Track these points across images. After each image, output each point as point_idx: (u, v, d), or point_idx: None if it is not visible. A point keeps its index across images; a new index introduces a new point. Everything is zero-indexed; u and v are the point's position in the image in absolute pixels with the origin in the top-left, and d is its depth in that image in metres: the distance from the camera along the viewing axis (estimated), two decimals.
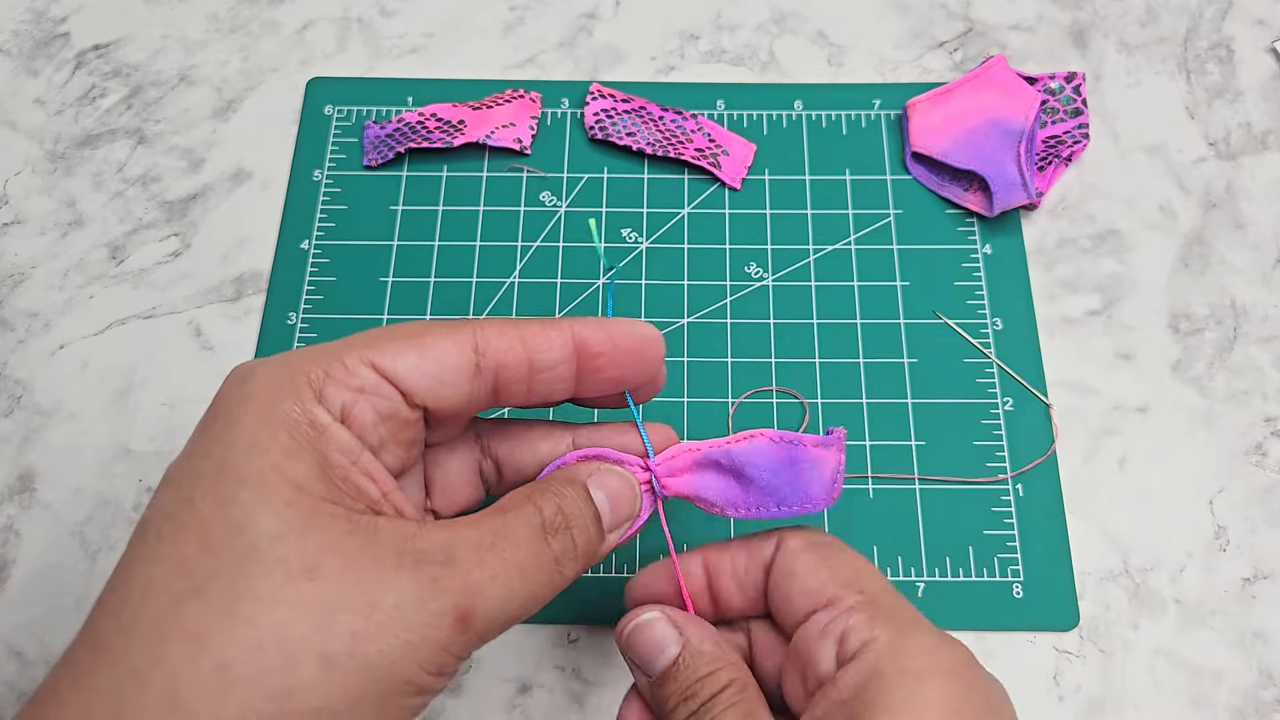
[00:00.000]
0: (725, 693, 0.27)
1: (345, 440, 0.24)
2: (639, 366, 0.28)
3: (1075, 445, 0.40)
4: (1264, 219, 0.45)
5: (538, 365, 0.27)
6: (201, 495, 0.22)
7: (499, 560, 0.24)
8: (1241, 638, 0.37)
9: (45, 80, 0.49)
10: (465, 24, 0.50)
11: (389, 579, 0.22)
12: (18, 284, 0.44)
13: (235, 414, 0.23)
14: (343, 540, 0.22)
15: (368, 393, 0.25)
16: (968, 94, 0.46)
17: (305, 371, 0.24)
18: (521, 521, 0.25)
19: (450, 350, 0.26)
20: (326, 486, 0.23)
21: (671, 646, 0.28)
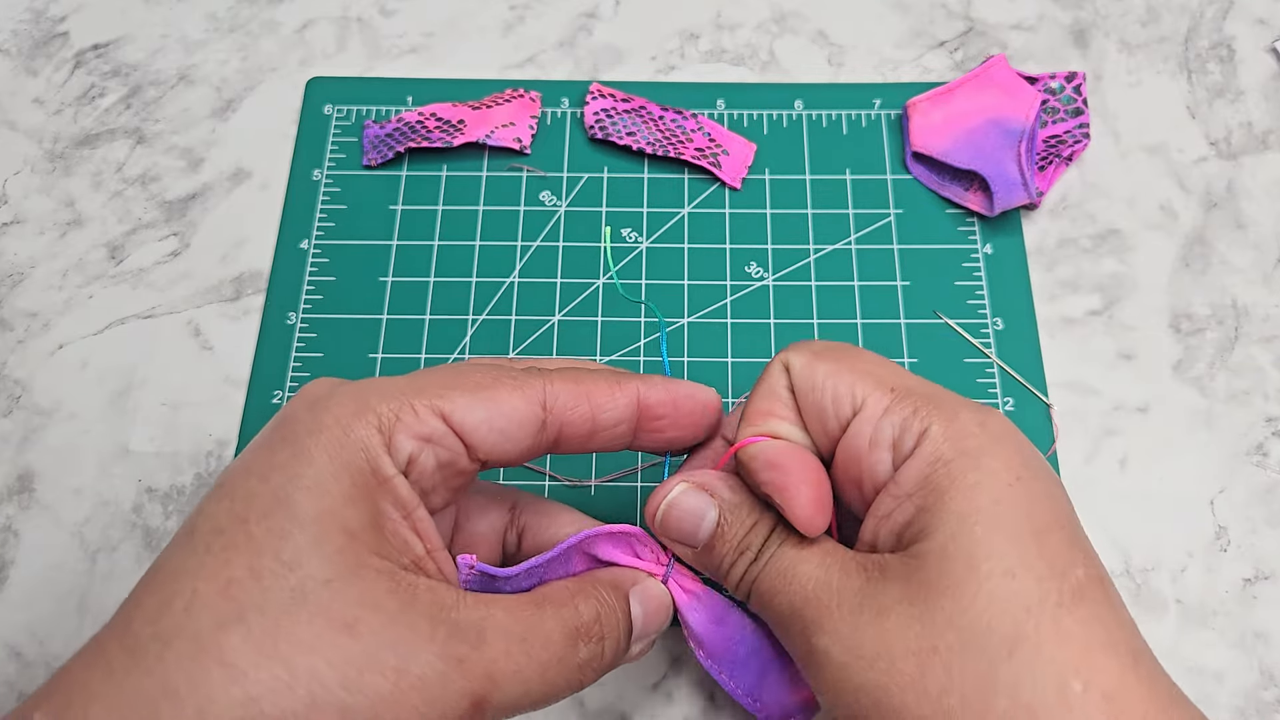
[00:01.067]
0: (774, 534, 0.28)
1: (404, 495, 0.25)
2: (697, 430, 0.29)
3: (1076, 445, 0.40)
4: (1265, 219, 0.45)
5: (600, 424, 0.27)
6: (257, 520, 0.22)
7: (525, 656, 0.24)
8: (1242, 638, 0.37)
9: (44, 80, 0.49)
10: (465, 24, 0.50)
11: (420, 648, 0.23)
12: (17, 284, 0.44)
13: (303, 445, 0.24)
14: (385, 598, 0.23)
15: (434, 443, 0.25)
16: (968, 94, 0.46)
17: (378, 412, 0.24)
18: (558, 621, 0.25)
19: (520, 407, 0.26)
20: (377, 539, 0.24)
21: (710, 512, 0.28)
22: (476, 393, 0.26)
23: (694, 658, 0.37)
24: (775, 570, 0.27)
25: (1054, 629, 0.23)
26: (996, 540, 0.24)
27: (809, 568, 0.27)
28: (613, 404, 0.27)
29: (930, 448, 0.26)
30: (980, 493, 0.25)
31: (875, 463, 0.27)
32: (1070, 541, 0.25)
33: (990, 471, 0.25)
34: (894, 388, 0.27)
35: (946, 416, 0.26)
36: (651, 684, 0.37)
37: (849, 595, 0.26)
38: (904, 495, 0.26)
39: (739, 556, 0.28)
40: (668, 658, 0.37)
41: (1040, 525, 0.25)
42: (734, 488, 0.29)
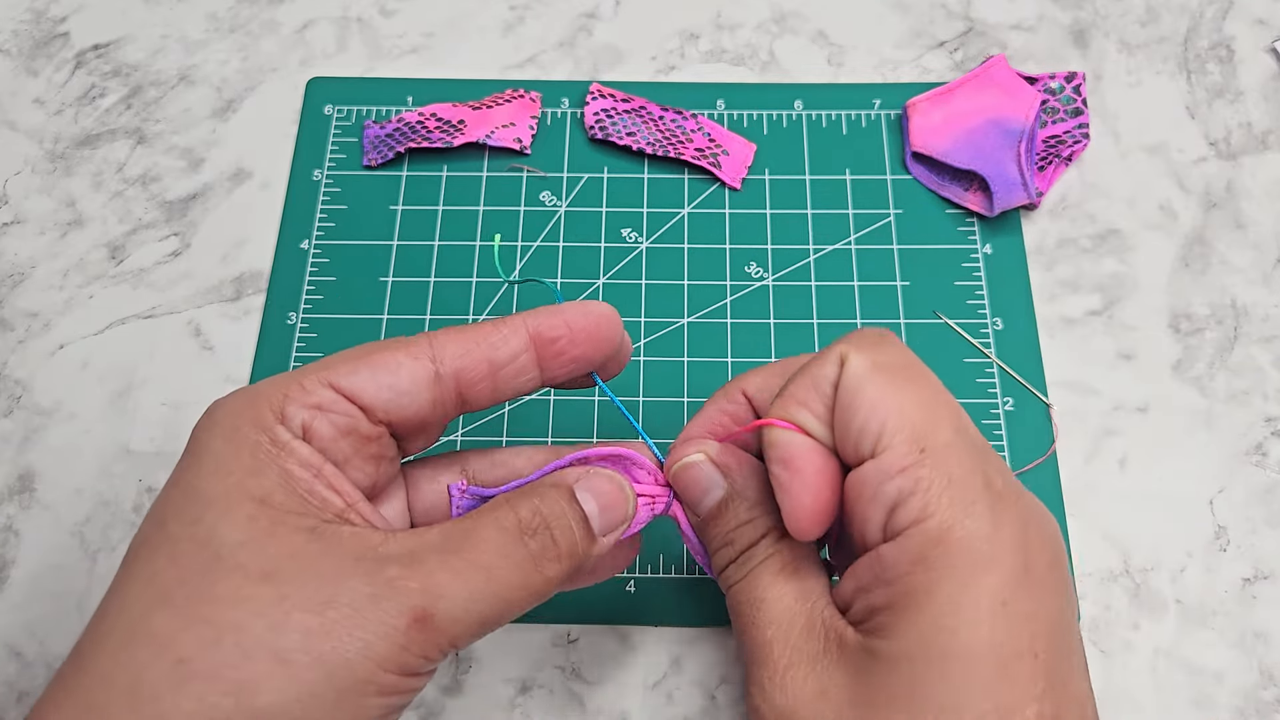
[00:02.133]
0: (762, 542, 0.27)
1: (306, 454, 0.25)
2: (598, 343, 0.28)
3: (1075, 445, 0.40)
4: (1264, 219, 0.45)
5: (497, 361, 0.27)
6: (173, 518, 0.24)
7: (462, 561, 0.24)
8: (1242, 638, 0.37)
9: (45, 80, 0.49)
10: (465, 24, 0.50)
11: (345, 580, 0.23)
12: (17, 284, 0.44)
13: (202, 442, 0.25)
14: (303, 546, 0.23)
15: (326, 410, 0.26)
16: (968, 94, 0.46)
17: (266, 396, 0.25)
18: (490, 523, 0.25)
19: (404, 361, 0.26)
20: (290, 499, 0.24)
21: (716, 490, 0.28)
22: (361, 358, 0.26)
23: (694, 658, 0.37)
24: (748, 592, 0.27)
25: None
26: (953, 668, 0.23)
27: (779, 608, 0.26)
28: (502, 338, 0.27)
29: (920, 540, 0.24)
30: (958, 613, 0.23)
31: (868, 518, 0.25)
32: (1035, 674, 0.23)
33: (977, 592, 0.23)
34: (925, 447, 0.24)
35: (956, 510, 0.24)
36: (652, 684, 0.37)
37: (800, 658, 0.25)
38: (884, 579, 0.24)
39: (723, 546, 0.28)
40: (668, 658, 0.37)
41: (1009, 656, 0.23)
42: (751, 478, 0.28)
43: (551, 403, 0.41)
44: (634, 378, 0.41)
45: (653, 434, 0.40)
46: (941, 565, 0.23)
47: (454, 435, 0.41)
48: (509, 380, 0.28)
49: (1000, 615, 0.23)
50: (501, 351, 0.27)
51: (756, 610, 0.26)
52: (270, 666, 0.21)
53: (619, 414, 0.41)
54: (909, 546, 0.24)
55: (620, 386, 0.41)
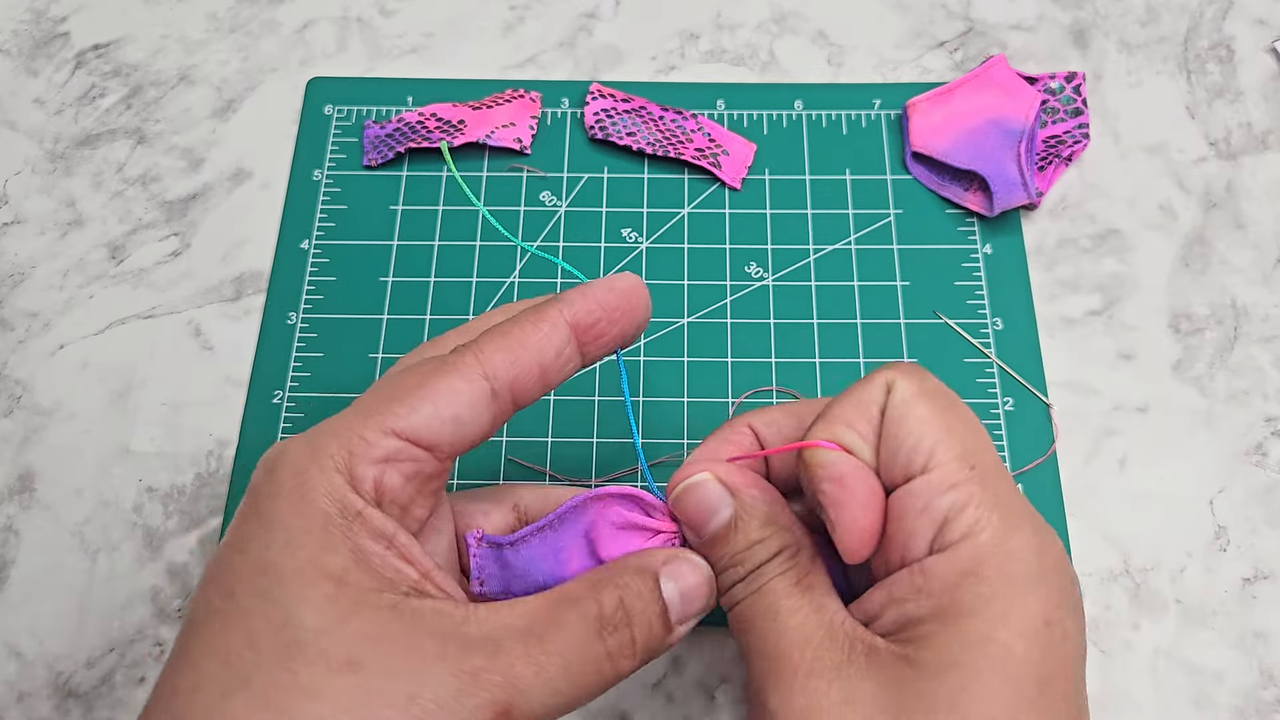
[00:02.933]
0: (775, 560, 0.26)
1: (379, 524, 0.24)
2: (635, 316, 0.28)
3: (1075, 445, 0.40)
4: (1264, 219, 0.45)
5: (546, 363, 0.27)
6: (244, 592, 0.23)
7: (545, 656, 0.24)
8: (1242, 638, 0.37)
9: (45, 80, 0.49)
10: (465, 24, 0.50)
11: (430, 670, 0.22)
12: (17, 284, 0.44)
13: (268, 510, 0.24)
14: (385, 627, 0.23)
15: (393, 461, 0.25)
16: (968, 94, 0.46)
17: (330, 454, 0.24)
18: (576, 615, 0.25)
19: (462, 389, 0.25)
20: (366, 575, 0.23)
21: (724, 510, 0.27)
22: (417, 395, 0.25)
23: (694, 658, 0.37)
24: (761, 604, 0.26)
25: None
26: (995, 683, 0.23)
27: (796, 619, 0.25)
28: (548, 339, 0.27)
29: (971, 552, 0.24)
30: (1003, 628, 0.23)
31: (916, 531, 0.25)
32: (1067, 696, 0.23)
33: (1023, 608, 0.23)
34: (974, 466, 0.25)
35: (1006, 525, 0.24)
36: (652, 684, 0.37)
37: (822, 666, 0.24)
38: (927, 591, 0.24)
39: (731, 568, 0.27)
40: (668, 658, 0.37)
41: (1048, 676, 0.23)
42: (760, 498, 0.27)
43: (551, 402, 0.41)
44: (634, 377, 0.41)
45: (653, 434, 0.40)
46: (995, 578, 0.23)
47: None
48: (556, 375, 0.27)
49: (1044, 634, 0.23)
50: (548, 352, 0.27)
51: (770, 621, 0.25)
52: None
53: (618, 410, 0.41)
54: (960, 558, 0.24)
55: (619, 386, 0.41)
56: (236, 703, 0.21)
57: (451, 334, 0.29)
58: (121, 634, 0.38)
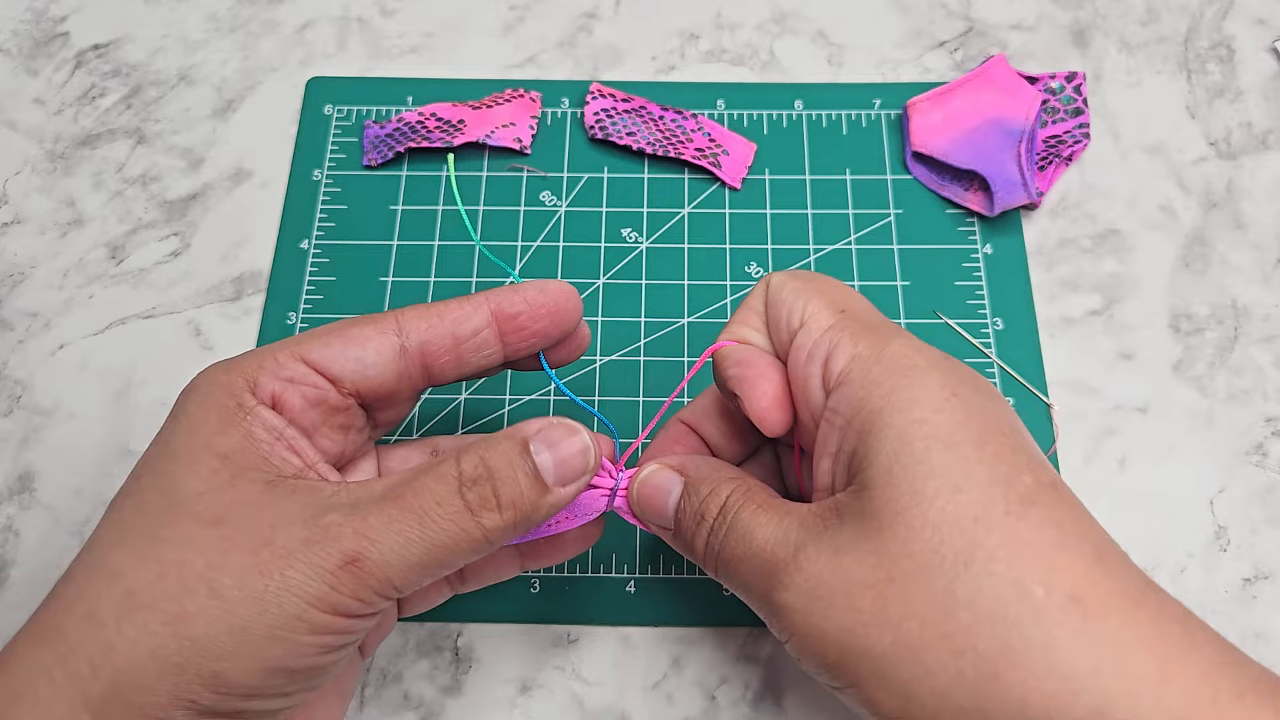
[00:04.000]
0: (730, 499, 0.28)
1: (269, 419, 0.27)
2: (557, 319, 0.30)
3: (1076, 445, 0.40)
4: (1265, 219, 0.45)
5: (460, 336, 0.29)
6: (145, 472, 0.26)
7: (397, 509, 0.25)
8: (1242, 638, 0.37)
9: (45, 80, 0.49)
10: (465, 24, 0.50)
11: (284, 524, 0.24)
12: (17, 284, 0.44)
13: (180, 405, 0.27)
14: (257, 496, 0.25)
15: (297, 382, 0.28)
16: (968, 93, 0.46)
17: (242, 367, 0.27)
18: (432, 474, 0.26)
19: (371, 335, 0.28)
20: (252, 456, 0.26)
21: (675, 488, 0.29)
22: (332, 333, 0.28)
23: (694, 658, 0.37)
24: (735, 536, 0.27)
25: (1007, 536, 0.23)
26: (937, 455, 0.24)
27: (767, 530, 0.27)
28: (466, 316, 0.29)
29: (861, 369, 0.26)
30: (916, 408, 0.25)
31: (808, 377, 0.28)
32: (1014, 448, 0.25)
33: (925, 388, 0.25)
34: (844, 310, 0.28)
35: (881, 340, 0.27)
36: (652, 684, 0.37)
37: (806, 546, 0.26)
38: (843, 423, 0.26)
39: (698, 525, 0.28)
40: (668, 658, 0.37)
41: (980, 435, 0.25)
42: (702, 464, 0.30)
43: (552, 403, 0.41)
44: (634, 377, 0.41)
45: (654, 434, 0.40)
46: (885, 378, 0.26)
47: (457, 433, 0.41)
48: (471, 354, 0.29)
49: (955, 403, 0.25)
50: (464, 327, 0.29)
51: (748, 543, 0.27)
52: (205, 600, 0.23)
53: (618, 410, 0.41)
54: (852, 380, 0.26)
55: (620, 386, 0.41)
56: (115, 554, 0.24)
57: None
58: None
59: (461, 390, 0.41)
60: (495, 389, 0.41)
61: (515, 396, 0.41)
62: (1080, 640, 0.22)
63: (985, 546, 0.23)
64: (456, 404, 0.41)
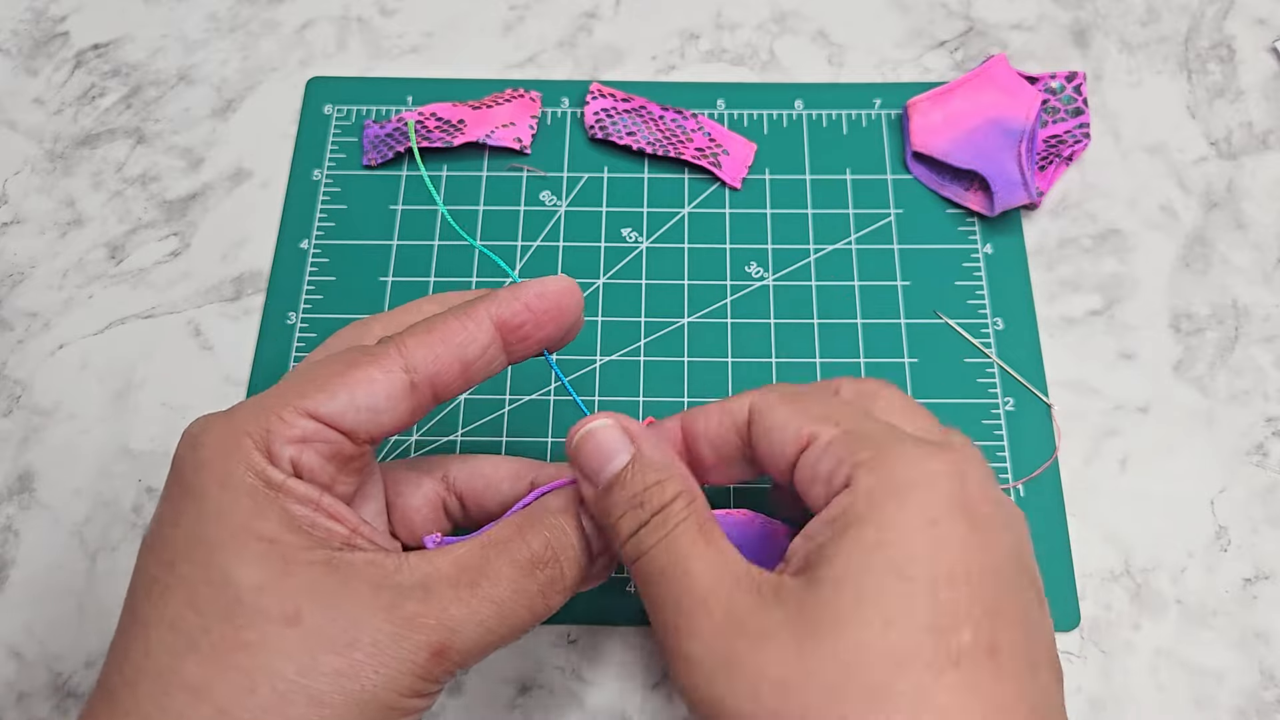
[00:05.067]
0: (677, 503, 0.27)
1: (302, 490, 0.25)
2: (563, 319, 0.29)
3: (1076, 446, 0.40)
4: (1265, 219, 0.44)
5: (468, 359, 0.27)
6: (182, 561, 0.24)
7: (477, 597, 0.25)
8: (1243, 638, 0.37)
9: (44, 80, 0.49)
10: (465, 23, 0.50)
11: (367, 618, 0.24)
12: (17, 284, 0.44)
13: (195, 484, 0.25)
14: (320, 581, 0.24)
15: (310, 441, 0.26)
16: (968, 93, 0.46)
17: (248, 432, 0.25)
18: (507, 559, 0.26)
19: (378, 377, 0.26)
20: (297, 535, 0.25)
21: (622, 454, 0.27)
22: (336, 383, 0.26)
23: None
24: (668, 556, 0.26)
25: (918, 689, 0.22)
26: (888, 582, 0.23)
27: (706, 568, 0.26)
28: (471, 337, 0.27)
29: (862, 480, 0.25)
30: (891, 529, 0.24)
31: (815, 498, 0.26)
32: (971, 599, 0.23)
33: (911, 508, 0.24)
34: (839, 423, 0.27)
35: (886, 453, 0.25)
36: (651, 684, 0.37)
37: (736, 611, 0.25)
38: (826, 520, 0.25)
39: (633, 509, 0.27)
40: None
41: (941, 575, 0.23)
42: (657, 447, 0.28)
43: (552, 402, 0.41)
44: (634, 378, 0.41)
45: None
46: (877, 489, 0.24)
47: (454, 436, 0.41)
48: (479, 371, 0.28)
49: (929, 534, 0.24)
50: (471, 349, 0.27)
51: (681, 573, 0.26)
52: (306, 709, 0.23)
53: None
54: (850, 491, 0.25)
55: (621, 387, 0.41)
56: (189, 663, 0.23)
57: (378, 320, 0.30)
58: None
59: None
60: (495, 389, 0.41)
61: (515, 396, 0.41)
62: None
63: (895, 693, 0.22)
64: (456, 404, 0.41)
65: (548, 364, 0.30)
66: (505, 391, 0.41)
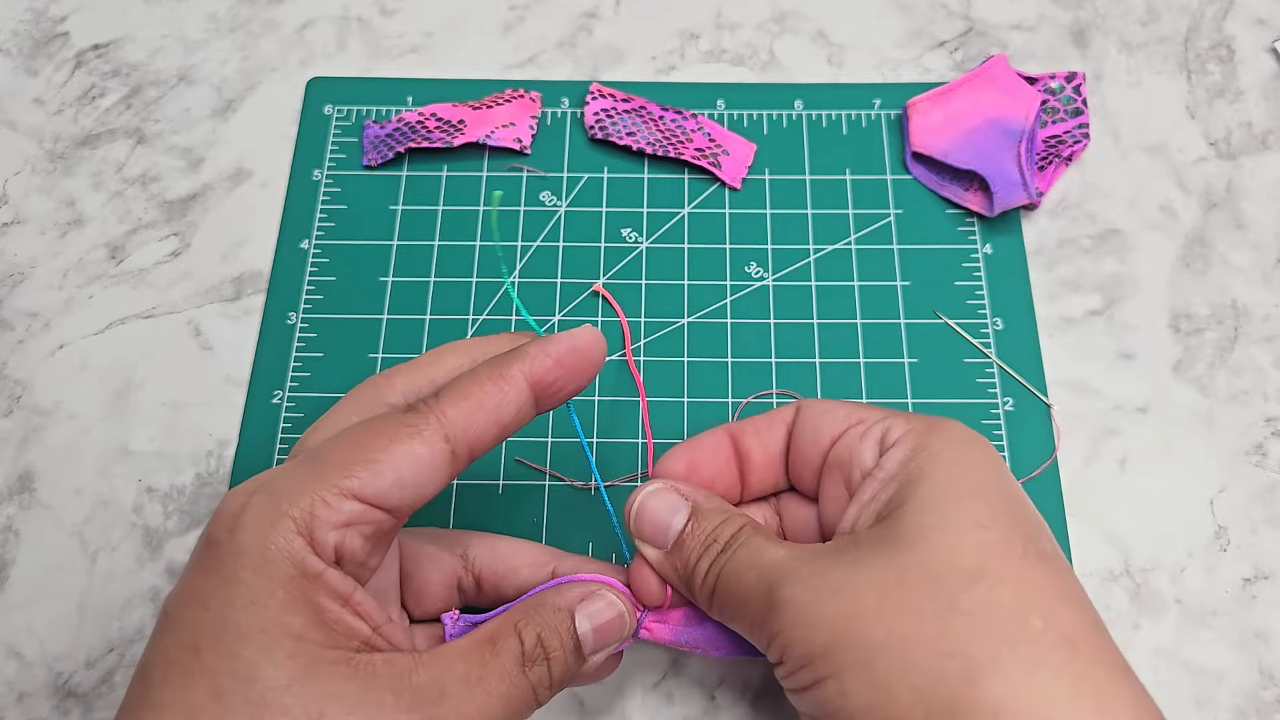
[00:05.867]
0: (743, 531, 0.29)
1: (338, 585, 0.25)
2: (590, 371, 0.29)
3: (1076, 446, 0.40)
4: (1265, 219, 0.45)
5: (504, 422, 0.28)
6: (207, 647, 0.24)
7: (485, 695, 0.26)
8: (1242, 638, 0.37)
9: (45, 80, 0.49)
10: (465, 24, 0.50)
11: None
12: (17, 284, 0.44)
13: (231, 569, 0.24)
14: (343, 685, 0.24)
15: (354, 525, 0.25)
16: (968, 93, 0.46)
17: (291, 516, 0.25)
18: (507, 654, 0.27)
19: (423, 454, 0.26)
20: (323, 633, 0.25)
21: (682, 511, 0.30)
22: (381, 460, 0.26)
23: (694, 658, 0.37)
24: (744, 554, 0.28)
25: (1018, 575, 0.25)
26: (970, 501, 0.26)
27: (778, 550, 0.28)
28: (508, 401, 0.28)
29: (914, 439, 0.28)
30: (960, 470, 0.27)
31: (863, 452, 0.29)
32: (1038, 523, 0.27)
33: (971, 459, 0.27)
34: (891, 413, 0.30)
35: (934, 423, 0.29)
36: (651, 684, 0.37)
37: (820, 556, 0.27)
38: (887, 478, 0.28)
39: (707, 549, 0.29)
40: (668, 658, 0.37)
41: (1012, 499, 0.27)
42: (711, 498, 0.30)
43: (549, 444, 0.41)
44: (634, 378, 0.41)
45: (653, 435, 0.40)
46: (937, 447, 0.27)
47: None
48: (513, 428, 0.28)
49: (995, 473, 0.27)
50: (507, 413, 0.28)
51: (757, 558, 0.28)
52: None
53: (617, 410, 0.41)
54: (904, 445, 0.28)
55: (620, 388, 0.41)
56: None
57: (399, 374, 0.30)
58: (121, 634, 0.38)
59: None
60: None
61: None
62: (1067, 672, 0.23)
63: (996, 574, 0.24)
64: None
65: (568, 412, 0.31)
66: None
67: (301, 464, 0.26)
